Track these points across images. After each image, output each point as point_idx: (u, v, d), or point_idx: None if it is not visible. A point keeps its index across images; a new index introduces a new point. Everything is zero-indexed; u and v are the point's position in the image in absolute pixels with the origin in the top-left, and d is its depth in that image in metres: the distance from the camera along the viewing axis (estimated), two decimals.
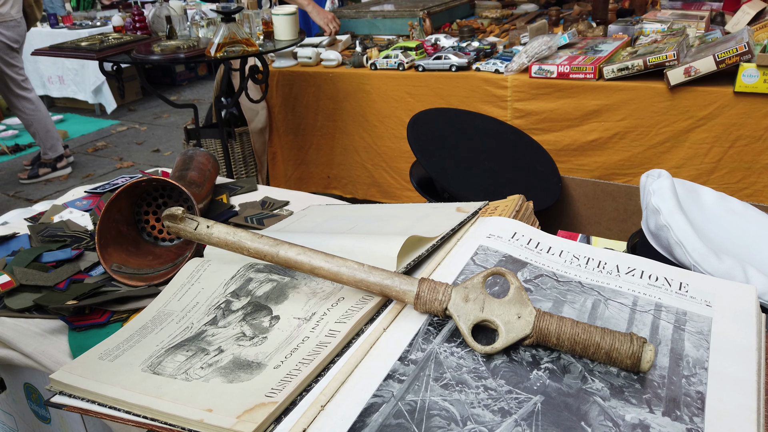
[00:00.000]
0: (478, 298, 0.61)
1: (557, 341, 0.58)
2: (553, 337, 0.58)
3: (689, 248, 0.79)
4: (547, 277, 0.72)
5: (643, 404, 0.53)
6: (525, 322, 0.59)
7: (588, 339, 0.56)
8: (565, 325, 0.58)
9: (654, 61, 2.03)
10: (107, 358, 0.65)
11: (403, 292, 0.63)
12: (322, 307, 0.67)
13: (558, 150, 2.28)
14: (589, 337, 0.57)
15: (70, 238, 1.05)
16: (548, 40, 2.29)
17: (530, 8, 3.47)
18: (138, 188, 0.98)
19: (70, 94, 5.56)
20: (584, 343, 0.57)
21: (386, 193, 2.76)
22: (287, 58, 2.75)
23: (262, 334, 0.64)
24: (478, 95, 2.37)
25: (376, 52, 2.64)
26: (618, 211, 1.32)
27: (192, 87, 6.50)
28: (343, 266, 0.65)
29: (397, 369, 0.57)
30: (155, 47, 2.24)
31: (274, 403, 0.52)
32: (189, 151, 1.22)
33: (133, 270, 0.93)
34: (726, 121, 2.00)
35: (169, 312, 0.73)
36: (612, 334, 0.56)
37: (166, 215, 0.74)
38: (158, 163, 4.37)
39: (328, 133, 2.80)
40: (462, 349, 0.60)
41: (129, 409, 0.57)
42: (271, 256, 0.68)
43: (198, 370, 0.60)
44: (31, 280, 0.91)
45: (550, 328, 0.58)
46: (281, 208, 1.16)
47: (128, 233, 0.99)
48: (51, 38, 4.97)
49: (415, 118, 1.39)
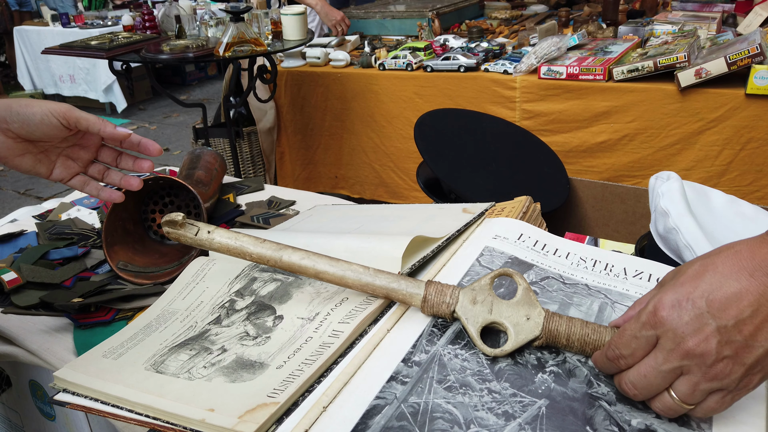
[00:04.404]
0: (486, 300, 0.60)
1: (567, 342, 0.57)
2: (563, 338, 0.57)
3: (698, 251, 0.78)
4: (554, 279, 0.71)
5: (650, 409, 0.52)
6: (534, 324, 0.58)
7: (598, 339, 0.56)
8: (575, 326, 0.57)
9: (664, 62, 2.02)
10: (111, 356, 0.65)
11: (410, 296, 0.63)
12: (326, 307, 0.66)
13: (567, 151, 2.27)
14: (599, 338, 0.56)
15: (77, 236, 1.06)
16: (557, 41, 2.28)
17: (540, 9, 3.45)
18: (145, 187, 0.98)
19: (81, 93, 5.60)
20: (594, 343, 0.56)
21: (394, 194, 2.75)
22: (296, 58, 2.76)
23: (265, 333, 0.64)
24: (487, 96, 2.37)
25: (384, 53, 2.64)
26: (626, 213, 1.30)
27: (201, 86, 6.53)
28: (348, 270, 0.65)
29: (400, 371, 0.57)
30: (164, 46, 2.25)
31: (276, 403, 0.52)
32: (197, 150, 1.22)
33: (139, 268, 0.93)
34: (737, 124, 1.98)
35: (173, 311, 0.72)
36: None
37: (165, 221, 0.72)
38: (167, 162, 4.39)
39: (336, 133, 2.80)
40: (466, 351, 0.60)
41: (132, 407, 0.57)
42: (274, 261, 0.68)
43: (201, 369, 0.60)
44: (38, 278, 0.91)
45: (560, 329, 0.57)
46: (287, 208, 1.16)
47: (135, 231, 0.99)
48: (62, 37, 5.01)
49: (422, 118, 1.39)
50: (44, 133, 0.72)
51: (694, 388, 0.48)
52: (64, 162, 0.77)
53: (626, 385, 0.51)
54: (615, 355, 0.52)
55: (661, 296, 0.49)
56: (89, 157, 0.79)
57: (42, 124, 0.71)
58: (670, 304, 0.48)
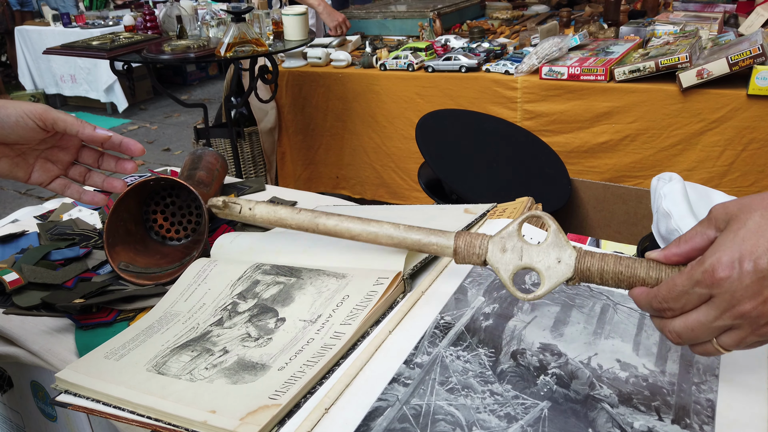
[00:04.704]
0: (515, 246, 0.60)
1: (600, 280, 0.57)
2: (596, 277, 0.57)
3: None
4: None
5: (652, 411, 0.52)
6: (566, 266, 0.57)
7: (633, 275, 0.55)
8: (608, 264, 0.56)
9: (666, 63, 2.02)
10: (113, 357, 0.65)
11: (441, 248, 0.64)
12: (328, 308, 0.66)
13: (568, 152, 2.27)
14: (634, 273, 0.55)
15: (79, 237, 1.06)
16: (559, 42, 2.28)
17: (541, 9, 3.45)
18: (146, 187, 0.98)
19: (83, 92, 5.61)
20: (629, 279, 0.55)
21: (395, 194, 2.75)
22: (297, 58, 2.76)
23: (267, 335, 0.64)
24: (488, 96, 2.36)
25: (385, 53, 2.64)
26: (628, 214, 1.30)
27: (203, 86, 6.53)
28: (380, 230, 0.68)
29: (402, 372, 0.57)
30: (165, 47, 2.25)
31: (278, 405, 0.52)
32: (198, 151, 1.22)
33: (141, 269, 0.93)
34: (739, 124, 1.98)
35: (175, 312, 0.72)
36: (658, 268, 0.54)
37: (210, 206, 0.82)
38: (168, 161, 4.39)
39: (337, 133, 2.80)
40: (468, 352, 0.60)
41: (133, 408, 0.57)
42: (313, 228, 0.73)
43: (202, 370, 0.60)
44: (39, 278, 0.91)
45: (592, 268, 0.57)
46: None
47: (136, 232, 0.99)
48: (64, 37, 5.00)
49: (423, 119, 1.39)
50: (20, 136, 0.68)
51: (740, 341, 0.47)
52: (43, 165, 0.74)
53: (670, 333, 0.50)
54: (662, 308, 0.50)
55: (719, 255, 0.46)
56: (69, 158, 0.76)
57: (17, 127, 0.67)
58: (729, 263, 0.46)
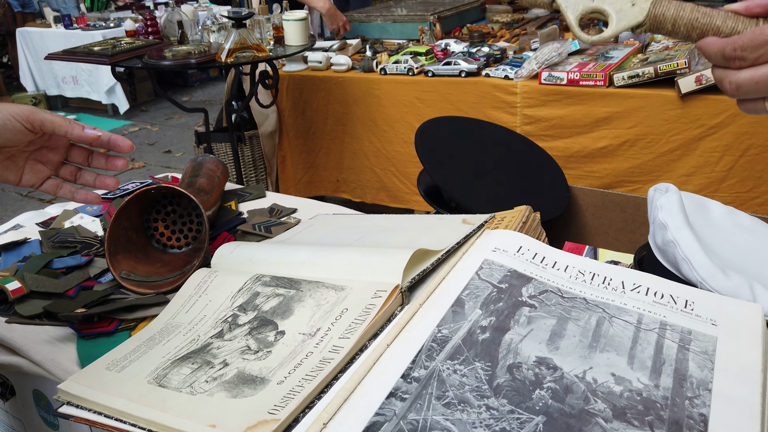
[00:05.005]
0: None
1: (672, 28, 0.54)
2: (669, 24, 0.54)
3: (696, 265, 0.79)
4: (552, 293, 0.72)
5: (646, 426, 0.53)
6: (639, 9, 0.55)
7: (708, 23, 0.52)
8: (684, 10, 0.53)
9: (665, 68, 2.02)
10: (114, 368, 0.66)
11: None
12: (327, 322, 0.67)
13: (567, 157, 2.27)
14: (710, 21, 0.52)
15: (81, 245, 1.07)
16: (558, 47, 2.29)
17: (541, 13, 3.46)
18: (147, 195, 0.99)
19: (84, 94, 5.62)
20: (703, 27, 0.53)
21: (395, 198, 2.76)
22: (297, 62, 2.77)
23: (266, 348, 0.65)
24: (488, 101, 2.37)
25: (386, 57, 2.65)
26: (626, 221, 1.31)
27: (204, 88, 6.54)
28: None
29: (399, 387, 0.58)
30: (166, 52, 2.26)
31: (277, 420, 0.52)
32: (199, 158, 1.23)
33: (142, 277, 0.94)
34: (737, 130, 1.98)
35: (176, 324, 0.73)
36: (736, 18, 0.52)
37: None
38: (169, 163, 4.40)
39: (337, 137, 2.81)
40: (465, 366, 0.60)
41: (134, 421, 0.57)
42: None
43: (203, 383, 0.60)
44: (42, 287, 0.92)
45: (667, 14, 0.54)
46: (289, 216, 1.17)
47: (137, 240, 1.00)
48: (65, 39, 5.02)
49: (423, 126, 1.40)
50: (8, 139, 0.67)
51: None
52: (33, 166, 0.73)
53: (730, 84, 0.49)
54: (735, 56, 0.48)
55: None
56: (59, 158, 0.75)
57: (5, 129, 0.66)
58: None
